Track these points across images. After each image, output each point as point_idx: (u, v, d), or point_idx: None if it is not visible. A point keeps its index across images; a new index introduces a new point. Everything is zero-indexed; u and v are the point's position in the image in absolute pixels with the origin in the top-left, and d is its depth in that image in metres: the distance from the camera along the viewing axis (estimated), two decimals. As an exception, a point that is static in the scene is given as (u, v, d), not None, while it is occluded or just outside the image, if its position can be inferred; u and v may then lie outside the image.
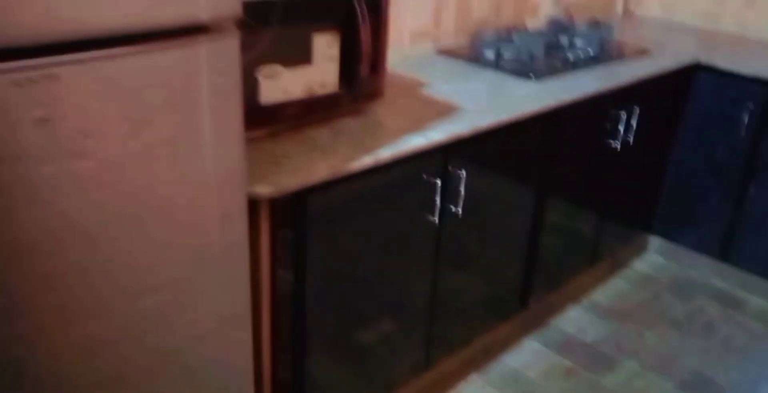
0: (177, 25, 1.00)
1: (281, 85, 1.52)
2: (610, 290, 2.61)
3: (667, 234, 2.78)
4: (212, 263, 1.20)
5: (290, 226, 1.43)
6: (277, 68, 1.50)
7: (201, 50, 1.04)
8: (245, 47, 1.22)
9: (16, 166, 0.88)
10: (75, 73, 0.91)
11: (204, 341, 1.24)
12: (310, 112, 1.60)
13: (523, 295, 2.24)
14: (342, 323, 1.65)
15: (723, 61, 2.45)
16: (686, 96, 2.55)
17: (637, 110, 2.29)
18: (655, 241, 2.85)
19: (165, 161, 1.05)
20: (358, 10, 1.57)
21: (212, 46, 1.06)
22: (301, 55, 1.54)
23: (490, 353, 2.20)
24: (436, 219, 1.73)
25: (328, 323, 1.61)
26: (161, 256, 1.11)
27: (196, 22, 1.02)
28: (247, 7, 1.21)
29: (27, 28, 0.86)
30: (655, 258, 2.84)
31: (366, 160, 1.47)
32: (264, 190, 1.32)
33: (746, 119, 2.42)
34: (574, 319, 2.43)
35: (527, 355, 2.24)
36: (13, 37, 0.85)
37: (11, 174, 0.88)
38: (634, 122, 2.30)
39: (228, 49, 1.09)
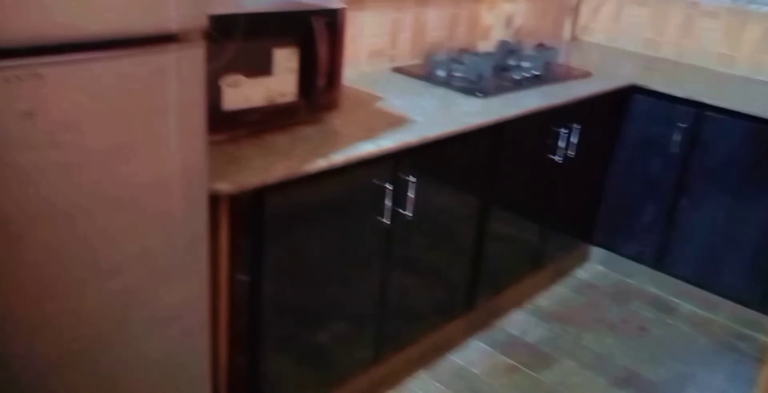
0: (150, 34, 1.13)
1: (243, 93, 1.65)
2: (552, 295, 2.78)
3: (607, 244, 2.97)
4: (175, 252, 1.31)
5: (248, 223, 1.55)
6: (240, 78, 1.63)
7: (170, 58, 1.18)
8: (211, 57, 1.35)
9: (2, 152, 1.00)
10: (58, 73, 1.03)
11: (165, 326, 1.35)
12: (269, 119, 1.73)
13: (470, 298, 2.38)
14: (296, 319, 1.77)
15: (658, 84, 2.66)
16: (624, 115, 2.75)
17: (577, 127, 2.47)
18: (596, 251, 3.03)
19: (135, 155, 1.17)
20: (316, 27, 1.72)
21: (180, 54, 1.19)
22: (262, 67, 1.68)
23: (437, 351, 2.33)
24: (387, 222, 1.87)
25: (282, 318, 1.73)
26: (128, 241, 1.22)
27: (166, 31, 1.16)
28: (213, 20, 1.35)
29: (16, 32, 0.98)
30: (595, 266, 3.02)
31: (321, 163, 1.60)
32: (224, 186, 1.44)
33: (678, 137, 2.62)
34: (517, 322, 2.59)
35: (473, 353, 2.38)
36: (4, 39, 0.97)
37: (-2, 160, 1.00)
38: (575, 138, 2.48)
39: (194, 57, 1.22)
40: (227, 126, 1.64)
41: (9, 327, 1.11)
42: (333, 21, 1.77)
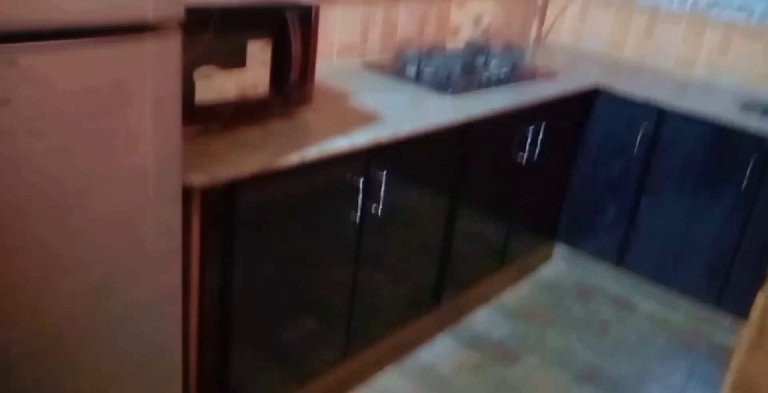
0: (126, 23, 1.12)
1: (216, 85, 1.64)
2: (517, 293, 2.82)
3: (570, 242, 3.02)
4: (148, 244, 1.29)
5: (220, 217, 1.54)
6: (213, 70, 1.62)
7: (146, 47, 1.16)
8: (184, 49, 1.33)
9: (-26, 140, 0.97)
10: (33, 60, 1.01)
11: (137, 320, 1.33)
12: (242, 112, 1.72)
13: (437, 294, 2.40)
14: (265, 315, 1.76)
15: (621, 85, 2.72)
16: (588, 116, 2.81)
17: (543, 127, 2.51)
18: (559, 249, 3.08)
19: (111, 145, 1.15)
20: (290, 21, 1.72)
21: (156, 43, 1.17)
22: (235, 59, 1.66)
23: (405, 347, 2.34)
24: (358, 217, 1.87)
25: (252, 315, 1.72)
26: (102, 232, 1.20)
27: (143, 21, 1.14)
28: (188, 12, 1.33)
29: (-10, 17, 0.95)
30: (559, 264, 3.07)
31: (294, 158, 1.60)
32: (197, 178, 1.42)
33: (639, 139, 2.69)
34: (483, 318, 2.62)
35: (440, 349, 2.40)
36: (-22, 24, 0.94)
37: (-31, 148, 0.97)
38: (540, 138, 2.52)
39: (171, 47, 1.21)
40: (199, 118, 1.62)
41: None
42: (307, 16, 1.76)
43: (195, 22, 1.48)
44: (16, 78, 0.99)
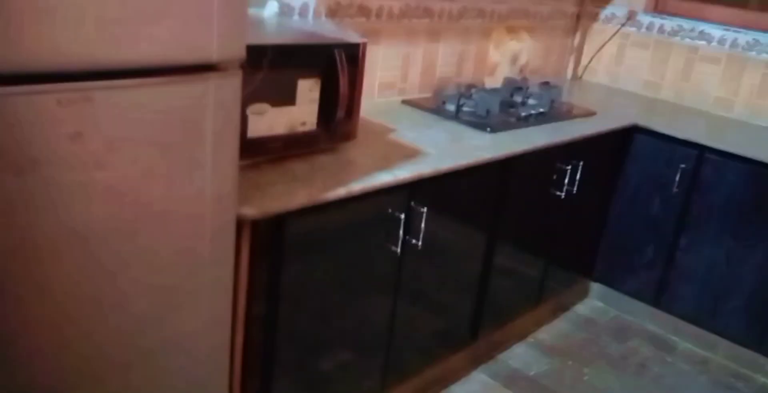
0: (192, 63, 1.18)
1: (267, 121, 1.69)
2: (553, 330, 2.80)
3: (607, 280, 3.00)
4: (201, 275, 1.33)
5: (269, 247, 1.58)
6: (265, 106, 1.68)
7: (210, 85, 1.22)
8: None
9: (50, 171, 1.03)
10: (106, 97, 1.07)
11: (185, 350, 1.36)
12: (290, 147, 1.77)
13: (473, 330, 2.40)
14: (307, 346, 1.78)
15: (659, 125, 2.73)
16: (626, 154, 2.82)
17: (581, 164, 2.52)
18: (595, 287, 3.06)
19: (171, 178, 1.20)
20: (338, 61, 1.78)
21: (219, 82, 1.23)
22: (286, 96, 1.72)
23: (440, 383, 2.34)
24: (399, 251, 1.90)
25: (295, 345, 1.74)
26: (158, 263, 1.24)
27: (208, 61, 1.20)
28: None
29: (71, 57, 1.01)
30: (595, 302, 3.05)
31: (340, 191, 1.64)
32: (249, 211, 1.47)
33: (678, 177, 2.68)
34: (519, 355, 2.60)
35: (475, 385, 2.38)
36: (60, 63, 1.01)
37: (44, 178, 1.03)
38: (578, 175, 2.54)
39: (232, 86, 1.26)
40: (250, 152, 1.68)
41: (29, 349, 1.12)
42: (354, 54, 1.82)
43: (250, 60, 1.55)
44: (90, 113, 1.05)
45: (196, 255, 1.31)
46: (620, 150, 2.80)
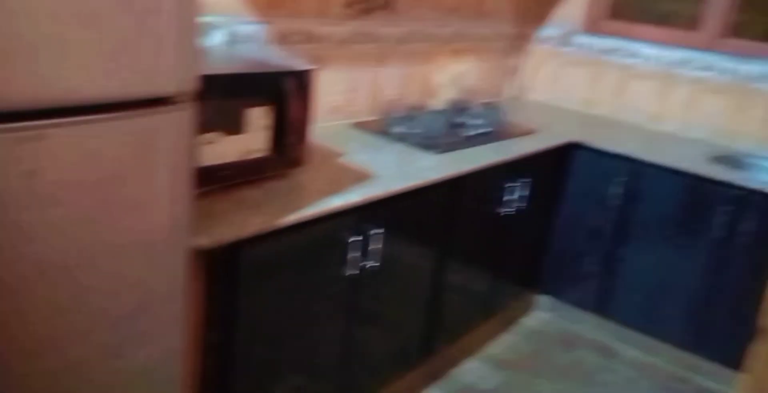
0: (147, 97, 1.19)
1: (217, 149, 1.71)
2: (503, 343, 2.87)
3: (553, 292, 3.10)
4: (157, 306, 1.34)
5: (222, 276, 1.59)
6: (216, 135, 1.69)
7: (164, 118, 1.23)
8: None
9: (6, 209, 1.03)
10: (61, 134, 1.07)
11: (144, 378, 1.36)
12: (241, 174, 1.79)
13: (426, 348, 2.44)
14: (262, 372, 1.79)
15: (597, 141, 2.85)
16: (567, 170, 2.93)
17: (525, 181, 2.61)
18: (542, 299, 3.15)
19: (126, 210, 1.21)
20: (288, 86, 1.81)
21: (173, 115, 1.25)
22: (236, 124, 1.74)
23: (396, 401, 2.37)
24: (352, 273, 1.93)
25: (250, 372, 1.75)
26: (113, 296, 1.24)
27: (162, 95, 1.22)
28: (196, 82, 1.41)
29: (24, 96, 1.02)
30: (542, 314, 3.14)
31: (293, 217, 1.66)
32: (203, 241, 1.48)
33: (616, 190, 2.80)
34: (471, 370, 2.66)
35: (430, 402, 2.43)
36: (14, 103, 1.01)
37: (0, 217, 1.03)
38: (523, 192, 2.63)
39: (186, 117, 1.28)
40: (202, 181, 1.68)
41: (5, 381, 1.11)
42: (304, 81, 1.86)
43: (201, 91, 1.57)
44: (43, 151, 1.06)
45: (150, 287, 1.31)
46: (561, 166, 2.91)
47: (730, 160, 2.83)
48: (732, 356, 2.58)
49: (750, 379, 1.13)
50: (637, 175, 2.75)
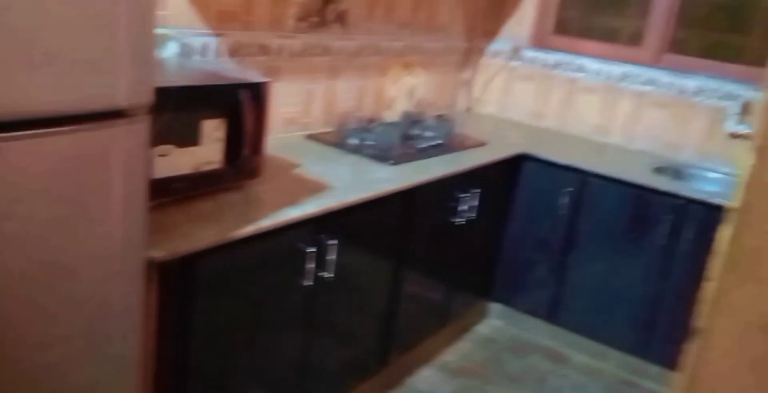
0: (101, 110, 1.19)
1: (171, 161, 1.71)
2: (457, 351, 2.91)
3: (505, 300, 3.16)
4: (112, 321, 1.33)
5: (177, 288, 1.58)
6: (170, 147, 1.69)
7: (118, 131, 1.23)
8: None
9: (-44, 225, 1.02)
10: (14, 147, 1.06)
11: (97, 391, 1.35)
12: (196, 186, 1.79)
13: (383, 357, 2.46)
14: (219, 384, 1.79)
15: (545, 152, 2.93)
16: (517, 181, 3.00)
17: (476, 192, 2.67)
18: (495, 307, 3.21)
19: (81, 224, 1.20)
20: (243, 99, 1.82)
21: (127, 127, 1.25)
22: (191, 136, 1.74)
23: (352, 411, 2.38)
24: (309, 284, 1.94)
25: (206, 385, 1.74)
26: (68, 311, 1.23)
27: (116, 107, 1.22)
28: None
29: (-24, 109, 1.02)
30: (495, 322, 3.20)
31: (248, 229, 1.67)
32: (157, 253, 1.47)
33: (565, 201, 2.89)
34: (426, 378, 2.69)
35: (386, 411, 2.45)
36: (-35, 116, 1.00)
37: (-51, 232, 1.01)
38: (474, 202, 2.68)
39: (140, 130, 1.28)
40: (155, 194, 1.67)
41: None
42: (259, 93, 1.87)
43: (155, 103, 1.57)
44: (-4, 165, 1.05)
45: (106, 299, 1.30)
46: (511, 177, 2.98)
47: (672, 171, 2.96)
48: (677, 360, 2.66)
49: (682, 377, 1.19)
50: (584, 185, 2.84)
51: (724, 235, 1.03)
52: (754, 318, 1.02)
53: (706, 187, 2.83)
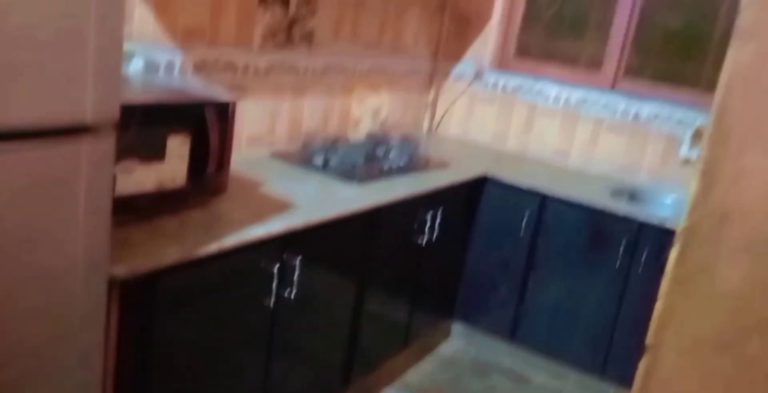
0: (67, 125, 1.18)
1: (135, 178, 1.68)
2: (420, 371, 2.91)
3: (467, 320, 3.18)
4: (71, 340, 1.30)
5: (139, 306, 1.55)
6: (134, 164, 1.67)
7: (83, 146, 1.22)
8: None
9: None
10: (-25, 162, 1.04)
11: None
12: (160, 203, 1.76)
13: (345, 378, 2.45)
14: (179, 402, 1.75)
15: (506, 174, 2.98)
16: (478, 202, 3.04)
17: (439, 212, 2.69)
18: (457, 327, 3.22)
19: (45, 240, 1.18)
20: (208, 117, 1.81)
21: (93, 143, 1.24)
22: (155, 153, 1.73)
23: (313, 432, 2.35)
24: (271, 304, 1.92)
25: (165, 402, 1.71)
26: (26, 329, 1.20)
27: (82, 123, 1.20)
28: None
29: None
30: (457, 342, 3.21)
31: (212, 247, 1.65)
32: (119, 271, 1.45)
33: (525, 223, 2.93)
34: (388, 399, 2.68)
35: (347, 432, 2.42)
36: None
37: None
38: (437, 222, 2.70)
39: (105, 146, 1.27)
40: (118, 211, 1.65)
41: None
42: (224, 111, 1.87)
43: (120, 119, 1.55)
44: (-43, 179, 1.02)
45: (67, 317, 1.27)
46: (473, 198, 3.02)
47: (628, 195, 3.03)
48: (633, 379, 2.71)
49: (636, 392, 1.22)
50: (544, 207, 2.89)
51: (671, 255, 1.07)
52: (700, 334, 1.06)
53: (661, 210, 2.91)
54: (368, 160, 2.66)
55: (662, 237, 2.59)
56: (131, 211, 1.69)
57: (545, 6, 3.55)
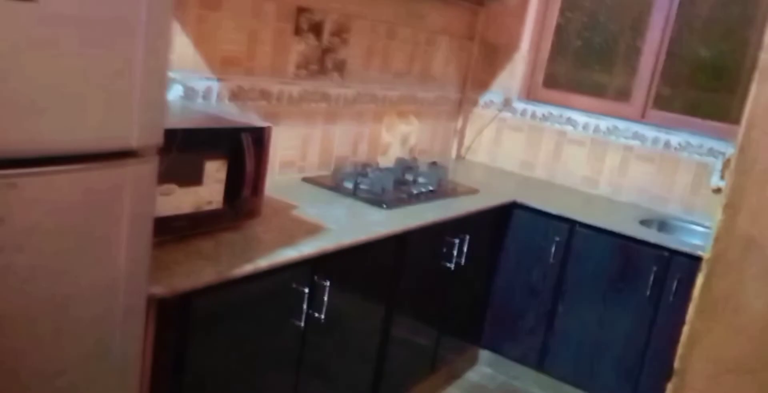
0: (114, 150, 1.24)
1: (173, 201, 1.75)
2: (446, 398, 2.91)
3: (494, 347, 3.17)
4: (111, 356, 1.35)
5: (175, 326, 1.60)
6: (172, 187, 1.74)
7: (128, 170, 1.28)
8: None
9: (-29, 255, 1.05)
10: (31, 183, 1.11)
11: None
12: (196, 225, 1.82)
13: (371, 401, 2.46)
14: (209, 421, 1.79)
15: (535, 201, 3.00)
16: (507, 228, 3.05)
17: (467, 238, 2.72)
18: (484, 354, 3.22)
19: (88, 258, 1.24)
20: (244, 142, 1.88)
21: (137, 167, 1.30)
22: (193, 177, 1.79)
23: (340, 456, 2.36)
24: (302, 325, 1.96)
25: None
26: (72, 343, 1.25)
27: (128, 148, 1.27)
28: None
29: (-2, 145, 1.06)
30: (484, 369, 3.20)
31: (246, 268, 1.70)
32: (157, 290, 1.50)
33: (554, 249, 2.94)
34: (415, 424, 2.67)
35: (373, 457, 2.42)
36: (-14, 151, 1.05)
37: (-36, 262, 1.05)
38: (465, 248, 2.73)
39: (149, 170, 1.33)
40: (158, 231, 1.71)
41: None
42: (259, 137, 1.93)
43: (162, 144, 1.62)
44: (13, 199, 1.09)
45: (107, 333, 1.32)
46: (501, 224, 3.04)
47: (658, 223, 3.03)
48: (663, 410, 2.68)
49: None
50: (573, 234, 2.90)
51: (698, 282, 1.10)
52: (725, 360, 1.08)
53: (690, 239, 2.90)
54: (397, 185, 2.71)
55: (693, 266, 2.57)
56: (169, 231, 1.75)
57: (574, 36, 3.60)
